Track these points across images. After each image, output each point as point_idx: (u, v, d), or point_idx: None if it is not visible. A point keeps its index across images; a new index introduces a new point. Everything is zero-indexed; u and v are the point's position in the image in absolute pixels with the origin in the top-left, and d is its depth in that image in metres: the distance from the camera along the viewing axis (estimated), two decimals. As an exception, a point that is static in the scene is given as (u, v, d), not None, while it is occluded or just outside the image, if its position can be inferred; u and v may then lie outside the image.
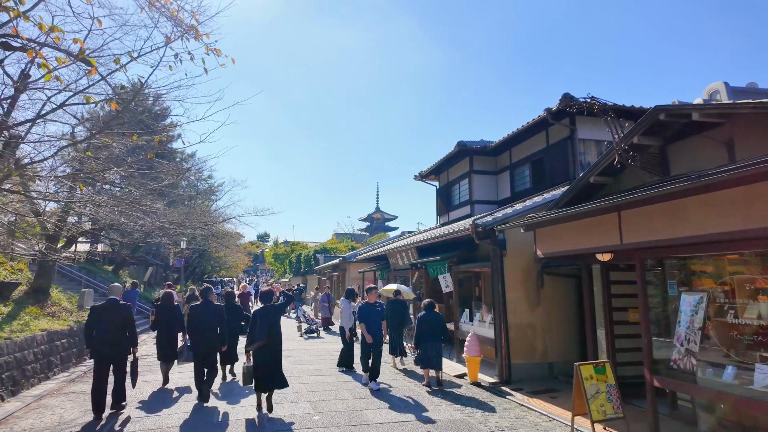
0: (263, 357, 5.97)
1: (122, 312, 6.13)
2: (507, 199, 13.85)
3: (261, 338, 5.95)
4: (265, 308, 6.24)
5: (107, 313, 6.03)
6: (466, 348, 8.17)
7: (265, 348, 5.97)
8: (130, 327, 6.15)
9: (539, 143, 12.36)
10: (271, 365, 6.01)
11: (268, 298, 6.44)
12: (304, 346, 12.30)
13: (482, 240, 8.14)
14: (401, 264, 14.18)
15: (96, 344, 5.89)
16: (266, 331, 5.98)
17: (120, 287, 6.65)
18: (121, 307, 6.17)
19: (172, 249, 25.30)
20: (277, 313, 6.38)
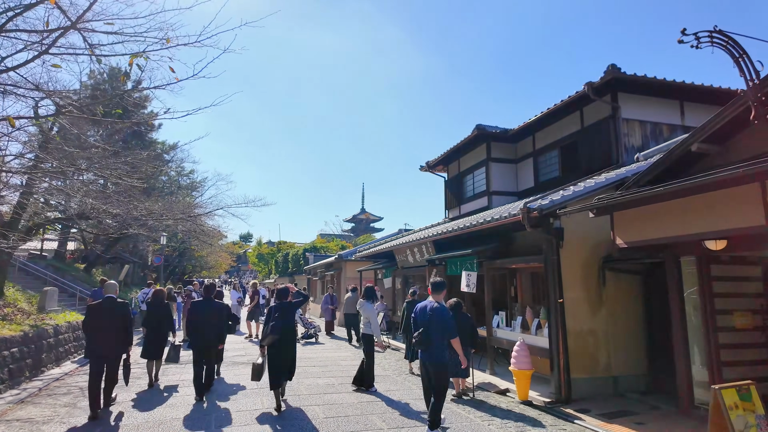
0: (278, 352, 6.07)
1: (120, 310, 6.09)
2: (530, 189, 12.48)
3: (277, 333, 6.01)
4: (281, 304, 6.33)
5: (105, 311, 5.96)
6: (514, 360, 6.71)
7: (280, 344, 6.08)
8: (128, 325, 6.15)
9: (571, 126, 11.01)
10: (286, 360, 6.18)
11: (285, 295, 6.53)
12: (305, 353, 10.69)
13: (534, 228, 6.69)
14: (412, 261, 12.68)
15: (93, 343, 5.85)
16: (281, 327, 6.07)
17: (116, 285, 6.54)
18: (119, 306, 6.13)
19: (150, 246, 23.31)
20: (293, 310, 6.54)
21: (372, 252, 15.68)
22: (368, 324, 7.24)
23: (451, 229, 9.27)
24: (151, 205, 14.24)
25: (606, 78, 9.27)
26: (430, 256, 10.88)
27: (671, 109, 10.39)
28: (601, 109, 10.05)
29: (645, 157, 8.48)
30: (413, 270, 12.98)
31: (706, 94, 10.19)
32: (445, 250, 10.67)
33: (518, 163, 13.29)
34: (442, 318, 5.13)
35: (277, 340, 6.01)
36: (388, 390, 7.16)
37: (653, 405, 6.25)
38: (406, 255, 12.92)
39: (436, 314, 5.13)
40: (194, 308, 6.90)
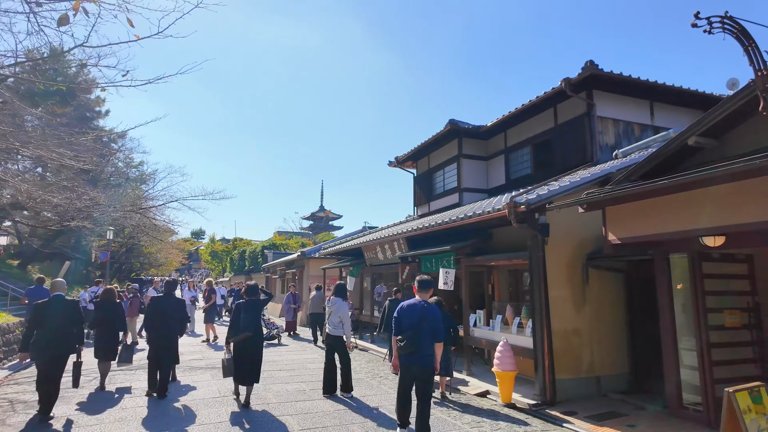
0: (246, 350, 6.01)
1: (70, 308, 5.92)
2: (501, 187, 12.36)
3: (247, 329, 6.00)
4: (249, 301, 6.31)
5: (54, 310, 5.71)
6: (498, 360, 6.41)
7: (249, 341, 6.02)
8: (78, 324, 5.96)
9: (545, 123, 10.93)
10: (254, 358, 6.09)
11: (254, 292, 6.55)
12: (269, 356, 9.99)
13: (520, 224, 6.41)
14: (382, 258, 12.24)
15: (41, 344, 5.58)
16: (251, 324, 6.06)
17: (64, 282, 6.26)
18: (68, 304, 5.99)
19: (95, 241, 21.64)
20: (260, 307, 6.53)
21: (338, 249, 15.12)
22: (339, 324, 6.69)
23: (428, 225, 8.89)
24: (96, 195, 13.04)
25: (584, 74, 9.19)
26: (403, 253, 10.47)
27: (642, 108, 10.50)
28: (576, 106, 9.99)
29: (624, 154, 8.45)
30: (383, 268, 12.55)
31: (675, 96, 10.37)
32: (418, 247, 10.30)
33: (489, 160, 13.14)
34: (435, 319, 4.70)
35: (248, 337, 5.99)
36: (365, 395, 6.68)
37: (638, 405, 6.11)
38: (375, 252, 12.46)
39: (428, 315, 4.68)
40: (154, 304, 6.80)
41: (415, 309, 4.73)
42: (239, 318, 6.09)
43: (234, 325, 6.14)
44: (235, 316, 6.19)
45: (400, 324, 4.74)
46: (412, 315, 4.71)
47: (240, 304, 6.27)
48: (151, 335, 6.68)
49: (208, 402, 6.27)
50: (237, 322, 6.10)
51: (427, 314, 4.66)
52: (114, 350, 7.17)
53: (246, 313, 6.10)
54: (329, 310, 6.73)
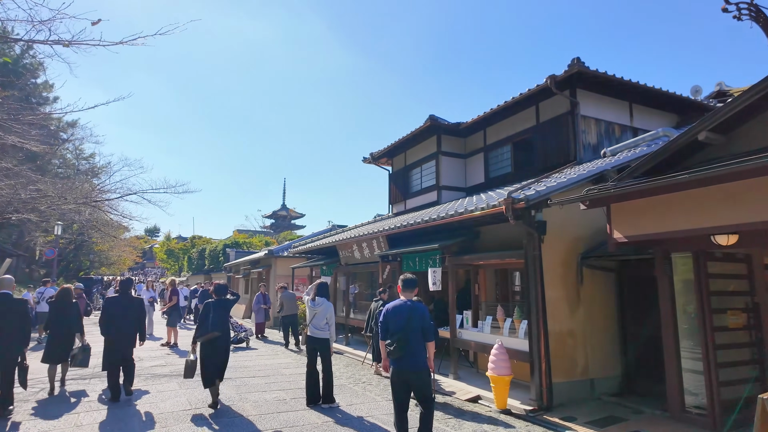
0: (215, 350, 5.93)
1: (17, 307, 5.76)
2: (480, 185, 12.17)
3: (216, 329, 5.94)
4: (218, 301, 6.24)
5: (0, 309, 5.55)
6: (493, 365, 6.10)
7: (217, 341, 5.96)
8: (26, 324, 5.79)
9: (526, 121, 10.80)
10: (221, 357, 6.02)
11: (224, 291, 6.47)
12: (239, 361, 9.34)
13: (517, 220, 6.13)
14: (359, 257, 11.77)
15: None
16: (220, 323, 6.02)
17: (12, 280, 6.06)
18: (15, 302, 5.83)
19: (40, 237, 19.99)
20: (229, 307, 6.47)
21: (310, 247, 14.51)
22: (325, 327, 6.19)
23: (414, 222, 8.50)
24: (45, 187, 11.87)
25: (570, 71, 9.08)
26: (384, 251, 10.05)
27: (622, 109, 10.54)
28: (559, 104, 9.90)
29: (612, 153, 8.37)
30: (360, 267, 12.08)
31: (654, 98, 10.47)
32: (399, 246, 9.91)
33: (468, 158, 12.94)
34: (423, 317, 4.44)
35: (217, 336, 5.93)
36: (351, 404, 6.21)
37: (635, 409, 5.96)
38: (352, 251, 11.98)
39: (416, 314, 4.40)
40: (110, 304, 6.59)
41: (402, 310, 4.44)
42: (208, 317, 5.97)
43: (202, 325, 5.99)
44: (204, 316, 6.04)
45: (387, 327, 4.46)
46: (399, 317, 4.42)
47: (209, 303, 6.17)
48: (108, 338, 6.37)
49: (179, 415, 5.61)
50: (206, 322, 5.96)
51: (414, 314, 4.39)
52: (68, 353, 6.89)
53: (215, 313, 6.02)
54: (314, 311, 6.20)
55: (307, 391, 6.12)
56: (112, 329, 6.30)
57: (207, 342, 5.88)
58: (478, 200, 7.99)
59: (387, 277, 9.86)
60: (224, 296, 6.36)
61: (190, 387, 6.82)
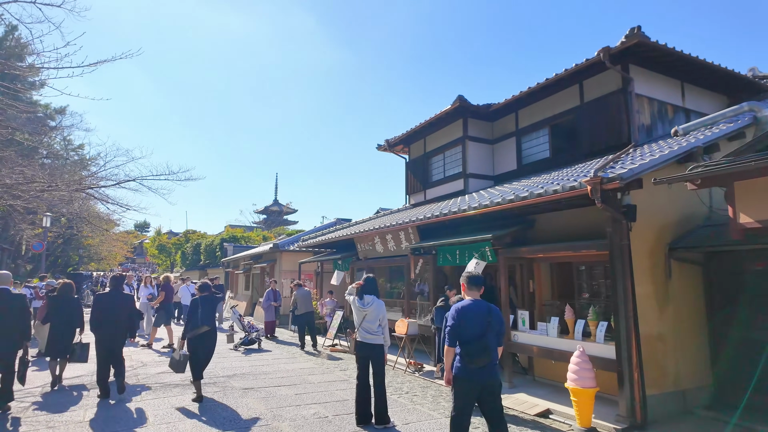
0: (202, 344, 6.10)
1: (15, 302, 5.69)
2: (511, 173, 11.23)
3: (206, 323, 6.11)
4: (205, 297, 6.36)
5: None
6: (575, 375, 5.17)
7: (206, 336, 6.14)
8: (24, 319, 5.75)
9: (567, 101, 9.86)
10: (208, 352, 6.22)
11: (207, 288, 6.57)
12: (256, 366, 8.34)
13: (605, 204, 5.18)
14: (381, 250, 10.78)
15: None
16: (209, 319, 6.19)
17: (9, 275, 6.06)
18: (13, 297, 5.76)
19: (26, 230, 18.70)
20: (216, 303, 6.63)
21: (323, 241, 13.46)
22: (379, 330, 5.19)
23: (458, 209, 7.47)
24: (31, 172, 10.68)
25: (628, 42, 8.11)
26: (414, 243, 9.06)
27: (674, 89, 9.63)
28: (608, 82, 8.97)
29: (685, 132, 7.45)
30: (383, 261, 11.08)
31: (708, 76, 9.56)
32: (430, 238, 8.95)
33: (495, 144, 11.98)
34: (500, 321, 4.00)
35: (206, 332, 6.10)
36: (407, 423, 5.24)
37: (746, 426, 5.05)
38: (373, 243, 10.98)
39: (496, 318, 3.94)
40: (100, 302, 6.47)
41: (479, 312, 3.91)
42: (197, 313, 6.13)
43: (191, 320, 6.13)
44: (193, 312, 6.18)
45: (459, 331, 3.88)
46: (475, 320, 3.88)
47: (196, 299, 6.31)
48: (97, 337, 6.25)
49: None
50: (195, 317, 6.12)
51: (494, 317, 3.93)
52: (67, 349, 6.84)
53: (203, 308, 6.17)
54: (363, 312, 5.18)
55: (357, 407, 5.11)
56: (103, 326, 6.20)
57: (196, 337, 6.04)
58: (518, 188, 7.02)
59: (420, 272, 8.88)
60: (208, 293, 6.46)
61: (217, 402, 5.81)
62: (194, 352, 6.04)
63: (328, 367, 8.51)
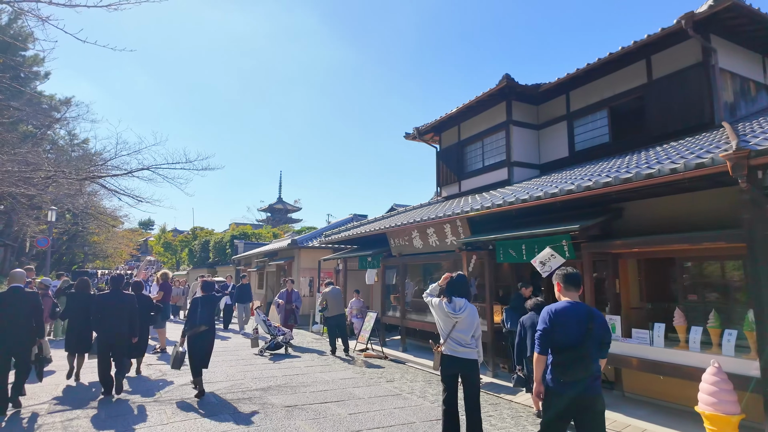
0: (201, 342, 6.19)
1: (29, 300, 5.68)
2: (561, 161, 10.18)
3: (204, 323, 6.24)
4: (206, 297, 6.46)
5: (11, 301, 5.53)
6: (712, 397, 4.14)
7: (203, 334, 6.22)
8: (37, 316, 5.74)
9: (632, 79, 8.81)
10: (207, 350, 6.29)
11: (211, 287, 6.65)
12: (290, 375, 7.37)
13: (752, 185, 4.13)
14: (420, 246, 9.74)
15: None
16: (208, 318, 6.32)
17: (23, 273, 5.98)
18: (27, 295, 5.73)
19: (29, 226, 17.76)
20: (216, 303, 6.86)
21: (349, 236, 12.42)
22: (473, 342, 4.11)
23: (530, 198, 6.38)
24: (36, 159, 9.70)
25: (716, 6, 7.06)
26: (466, 237, 8.02)
27: (755, 63, 8.57)
28: (685, 55, 7.92)
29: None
30: (422, 257, 10.03)
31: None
32: (481, 231, 7.93)
33: (541, 129, 10.93)
34: (606, 328, 3.36)
35: (205, 330, 6.21)
36: (501, 454, 4.21)
37: None
38: (410, 238, 9.96)
39: (598, 323, 3.29)
40: (101, 301, 6.47)
41: (578, 317, 3.26)
42: (196, 312, 6.25)
43: (191, 319, 6.24)
44: (193, 311, 6.30)
45: (553, 337, 3.26)
46: (573, 326, 3.24)
47: (197, 299, 6.42)
48: (98, 335, 6.41)
49: None
50: (194, 316, 6.23)
51: (596, 321, 3.28)
52: (85, 344, 6.94)
53: (203, 308, 6.30)
54: (452, 318, 4.11)
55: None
56: (102, 324, 6.25)
57: (194, 335, 6.16)
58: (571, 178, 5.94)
59: (474, 270, 7.84)
60: (211, 292, 6.58)
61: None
62: (192, 349, 6.16)
63: (371, 377, 7.51)
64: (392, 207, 24.31)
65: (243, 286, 13.99)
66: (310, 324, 14.50)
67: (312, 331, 14.04)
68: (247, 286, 14.19)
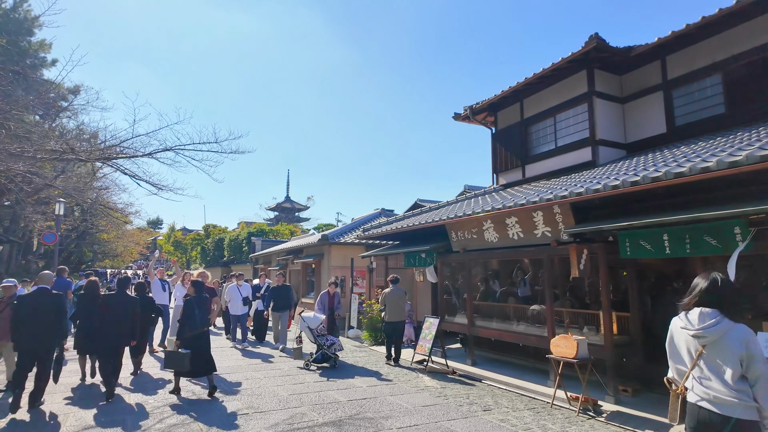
0: (200, 345, 6.12)
1: (53, 302, 5.78)
2: (656, 138, 8.62)
3: (203, 325, 6.25)
4: (199, 297, 6.40)
5: (36, 302, 5.66)
6: None
7: (202, 335, 6.20)
8: (61, 318, 5.81)
9: (752, 37, 7.24)
10: (207, 351, 6.20)
11: (202, 288, 6.58)
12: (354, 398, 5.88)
13: None
14: (493, 239, 8.15)
15: (22, 336, 5.49)
16: (205, 319, 6.33)
17: (51, 275, 6.20)
18: (51, 297, 5.83)
19: (38, 221, 16.38)
20: (208, 304, 6.65)
21: (395, 229, 10.83)
22: (742, 384, 2.44)
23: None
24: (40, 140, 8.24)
25: None
26: (569, 227, 6.43)
27: None
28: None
29: None
30: (499, 253, 8.42)
31: None
32: (595, 219, 6.36)
33: (626, 102, 9.33)
34: None
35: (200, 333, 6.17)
36: None
37: None
38: (479, 230, 8.38)
39: None
40: (105, 303, 6.43)
41: None
42: (194, 313, 6.17)
43: (188, 321, 6.14)
44: (189, 312, 6.18)
45: None
46: None
47: (191, 300, 6.31)
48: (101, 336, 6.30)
49: None
50: (192, 318, 6.14)
51: None
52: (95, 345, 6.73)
53: (199, 309, 6.24)
54: (702, 338, 2.42)
55: None
56: (104, 325, 6.22)
57: (193, 337, 6.06)
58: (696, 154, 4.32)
59: (585, 267, 6.24)
60: (203, 293, 6.51)
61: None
62: (195, 351, 5.99)
63: (458, 403, 5.97)
64: (416, 203, 22.73)
65: (279, 288, 10.37)
66: (345, 328, 12.99)
67: (348, 337, 12.53)
68: (286, 288, 10.56)
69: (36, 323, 5.52)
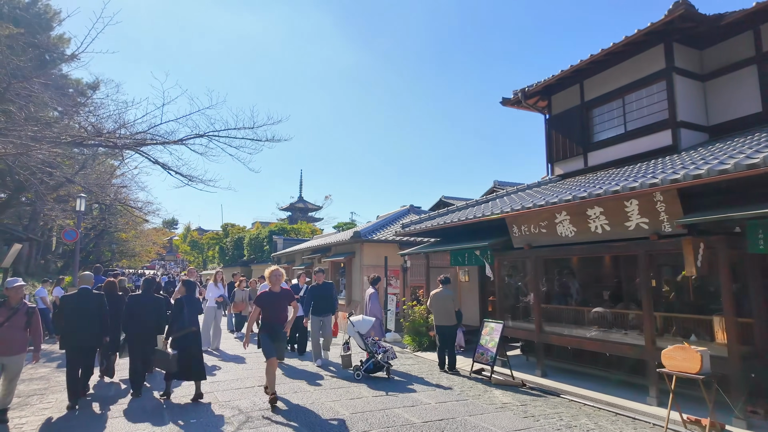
0: (189, 346, 6.06)
1: (95, 301, 6.08)
2: (747, 119, 7.59)
3: (192, 324, 6.18)
4: (190, 297, 6.43)
5: (79, 302, 5.98)
6: None
7: (192, 335, 6.15)
8: (104, 316, 6.10)
9: None
10: (197, 353, 6.13)
11: (193, 287, 6.62)
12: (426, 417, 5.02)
13: None
14: (568, 234, 7.17)
15: (68, 335, 5.87)
16: (195, 319, 6.29)
17: (91, 276, 6.58)
18: (93, 297, 6.14)
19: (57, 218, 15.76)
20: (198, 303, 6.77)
21: (441, 224, 9.88)
22: None
23: None
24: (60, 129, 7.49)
25: None
26: (678, 218, 5.43)
27: None
28: None
29: None
30: (578, 249, 7.41)
31: None
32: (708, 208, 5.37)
33: (708, 80, 8.29)
34: None
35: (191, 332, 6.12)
36: None
37: None
38: (550, 223, 7.40)
39: None
40: (132, 303, 6.46)
41: None
42: (183, 313, 6.13)
43: (178, 320, 6.11)
44: (178, 311, 6.16)
45: None
46: None
47: (182, 299, 6.31)
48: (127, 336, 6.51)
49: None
50: (181, 317, 6.11)
51: None
52: (114, 345, 6.92)
53: (188, 308, 6.22)
54: None
55: None
56: (130, 326, 6.32)
57: (182, 337, 6.03)
58: None
59: (703, 263, 5.24)
60: (193, 293, 6.54)
61: None
62: (184, 352, 5.97)
63: (555, 426, 5.03)
64: (441, 200, 21.77)
65: (319, 287, 8.66)
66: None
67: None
68: (329, 287, 8.78)
69: (81, 321, 5.83)
